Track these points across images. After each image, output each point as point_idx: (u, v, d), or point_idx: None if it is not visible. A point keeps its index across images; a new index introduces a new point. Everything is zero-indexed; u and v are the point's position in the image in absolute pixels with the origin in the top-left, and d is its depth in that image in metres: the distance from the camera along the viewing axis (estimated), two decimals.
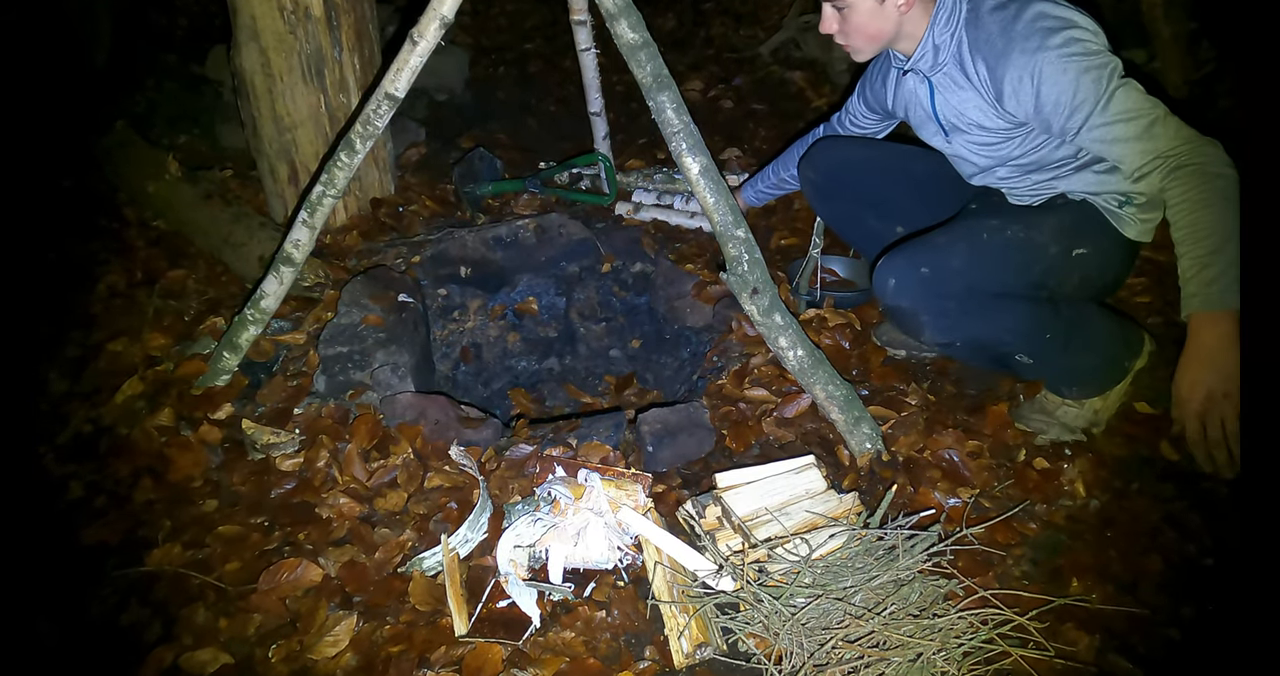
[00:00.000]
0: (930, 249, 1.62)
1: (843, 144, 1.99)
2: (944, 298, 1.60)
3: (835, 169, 1.94)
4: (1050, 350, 1.66)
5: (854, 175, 1.93)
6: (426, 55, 1.52)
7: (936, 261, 1.59)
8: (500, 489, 1.62)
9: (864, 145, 1.98)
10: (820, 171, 1.96)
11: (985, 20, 1.52)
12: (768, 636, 1.31)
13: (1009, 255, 1.60)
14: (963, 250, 1.60)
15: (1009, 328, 1.63)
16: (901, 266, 1.61)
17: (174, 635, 1.39)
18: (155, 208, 2.43)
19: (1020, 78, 1.47)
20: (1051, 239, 1.60)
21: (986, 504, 1.60)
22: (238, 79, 2.21)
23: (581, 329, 2.44)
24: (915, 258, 1.61)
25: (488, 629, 1.37)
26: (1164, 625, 1.41)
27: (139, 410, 1.80)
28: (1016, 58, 1.47)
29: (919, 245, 1.63)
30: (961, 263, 1.59)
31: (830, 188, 1.96)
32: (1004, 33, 1.48)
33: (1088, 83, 1.42)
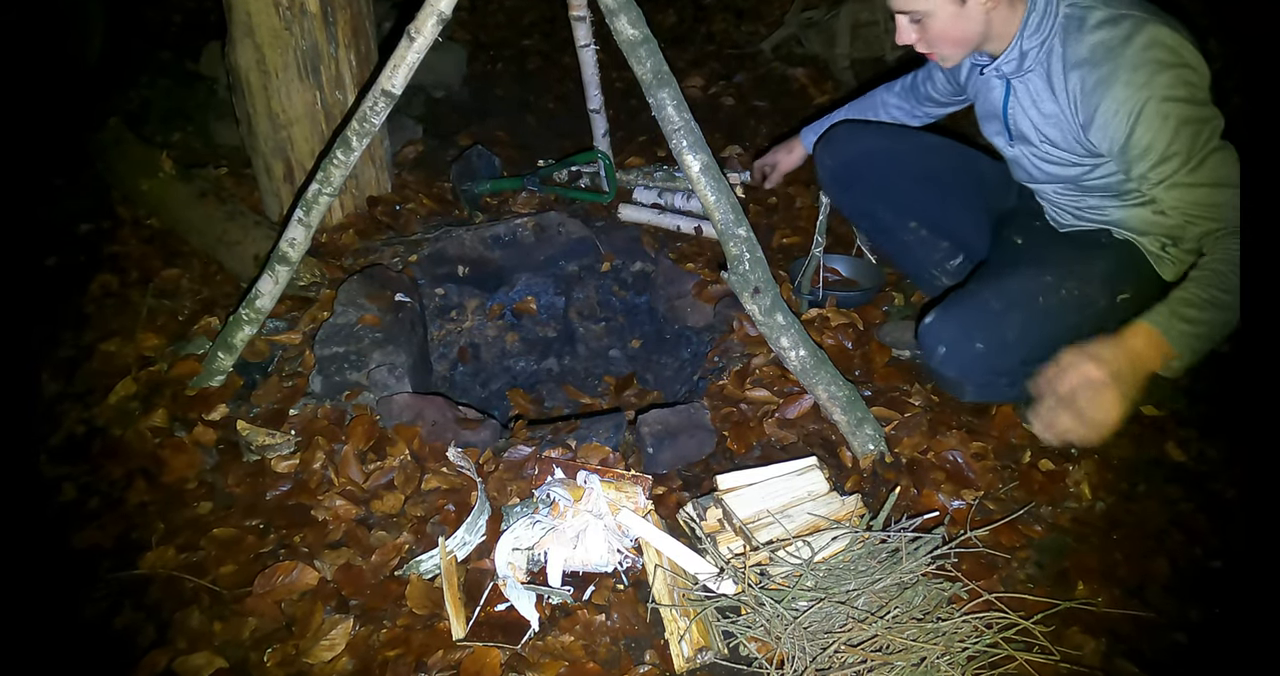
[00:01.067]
0: (986, 318, 1.57)
1: (864, 131, 1.93)
2: (996, 374, 1.61)
3: (853, 158, 1.89)
4: None
5: (871, 167, 1.88)
6: (424, 51, 1.52)
7: (992, 335, 1.56)
8: (498, 491, 1.62)
9: (886, 134, 1.92)
10: (838, 159, 1.91)
11: (1089, 35, 1.41)
12: (769, 640, 1.32)
13: (1065, 319, 1.56)
14: (1019, 321, 1.56)
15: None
16: (955, 336, 1.59)
17: (168, 639, 1.39)
18: (149, 206, 2.43)
19: (1117, 111, 1.39)
20: (1101, 290, 1.58)
21: (991, 506, 1.60)
22: (232, 75, 2.20)
23: (581, 329, 2.44)
24: (970, 328, 1.57)
25: (486, 632, 1.37)
26: (1171, 629, 1.41)
27: (132, 411, 1.80)
28: (1119, 90, 1.37)
29: (973, 309, 1.57)
30: (1017, 335, 1.56)
31: (846, 176, 1.92)
32: (1111, 56, 1.38)
33: (1186, 136, 1.34)
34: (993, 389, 1.68)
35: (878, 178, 1.88)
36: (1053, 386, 1.34)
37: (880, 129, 1.94)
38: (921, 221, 1.90)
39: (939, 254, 1.98)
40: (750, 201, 2.57)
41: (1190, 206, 1.40)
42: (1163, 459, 1.72)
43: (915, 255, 2.01)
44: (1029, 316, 1.57)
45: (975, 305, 1.59)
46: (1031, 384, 1.37)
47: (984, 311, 1.59)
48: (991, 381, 1.65)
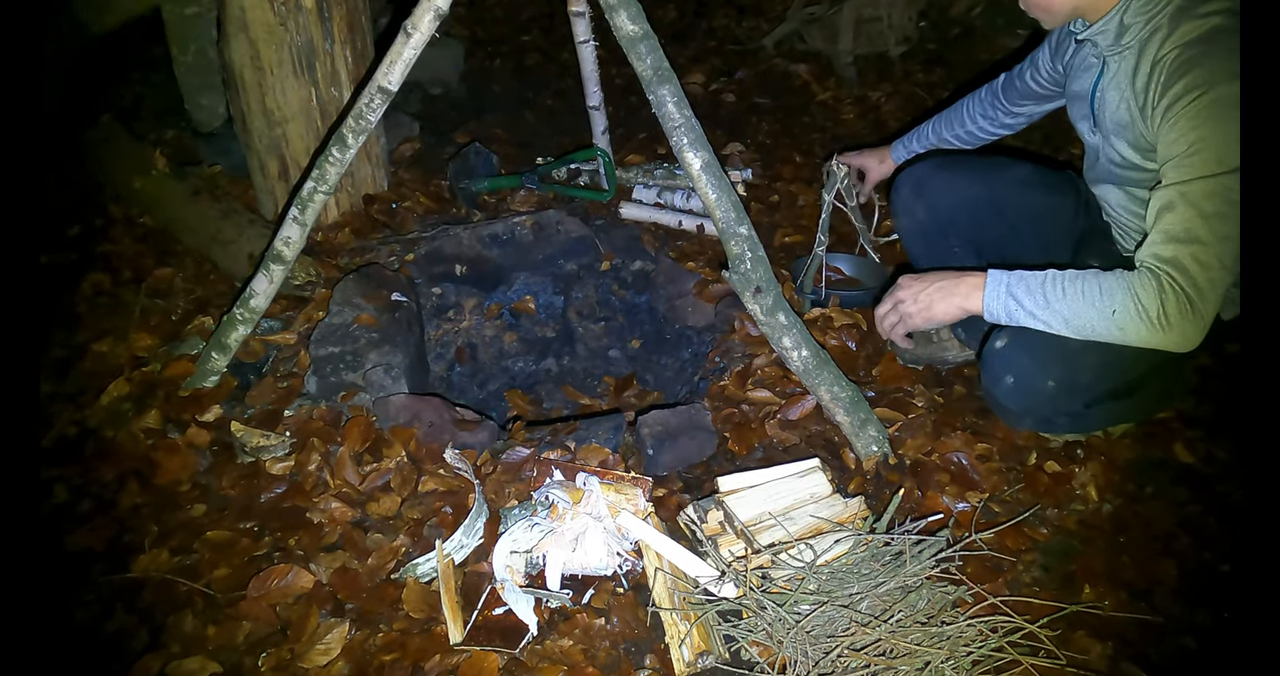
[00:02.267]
0: (1063, 354, 1.51)
1: (960, 175, 1.84)
2: (1061, 413, 1.61)
3: (951, 211, 1.82)
4: (1116, 422, 1.73)
5: (966, 216, 1.81)
6: (421, 47, 1.52)
7: (1066, 374, 1.52)
8: (496, 493, 1.62)
9: (979, 174, 1.84)
10: (933, 212, 1.84)
11: (1210, 19, 1.33)
12: (771, 644, 1.32)
13: (1136, 365, 1.52)
14: (1095, 363, 1.51)
15: (1098, 425, 1.70)
16: (1026, 368, 1.55)
17: (161, 643, 1.39)
18: (141, 204, 2.43)
19: (1191, 89, 1.32)
20: None
21: (996, 508, 1.60)
22: (227, 72, 2.21)
23: (580, 328, 2.44)
24: (1045, 363, 1.53)
25: (484, 637, 1.37)
26: (1179, 633, 1.41)
27: (125, 412, 1.80)
28: (1208, 66, 1.31)
29: (1051, 342, 1.49)
30: (1091, 379, 1.53)
31: (936, 232, 1.85)
32: (1221, 37, 1.31)
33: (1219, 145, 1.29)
34: (1051, 426, 1.67)
35: (970, 227, 1.82)
36: (896, 302, 1.59)
37: (969, 167, 1.86)
38: (999, 265, 1.86)
39: (957, 238, 1.92)
40: (751, 199, 2.57)
41: (1170, 220, 1.35)
42: (1170, 460, 1.73)
43: None
44: (1105, 359, 1.50)
45: (1053, 338, 1.48)
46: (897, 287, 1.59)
47: (1062, 346, 1.49)
48: (1053, 421, 1.64)
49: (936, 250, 1.89)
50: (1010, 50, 3.48)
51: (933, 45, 3.58)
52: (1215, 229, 1.31)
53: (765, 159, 2.82)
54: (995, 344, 1.60)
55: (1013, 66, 1.89)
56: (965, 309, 1.53)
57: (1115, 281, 1.39)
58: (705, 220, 2.41)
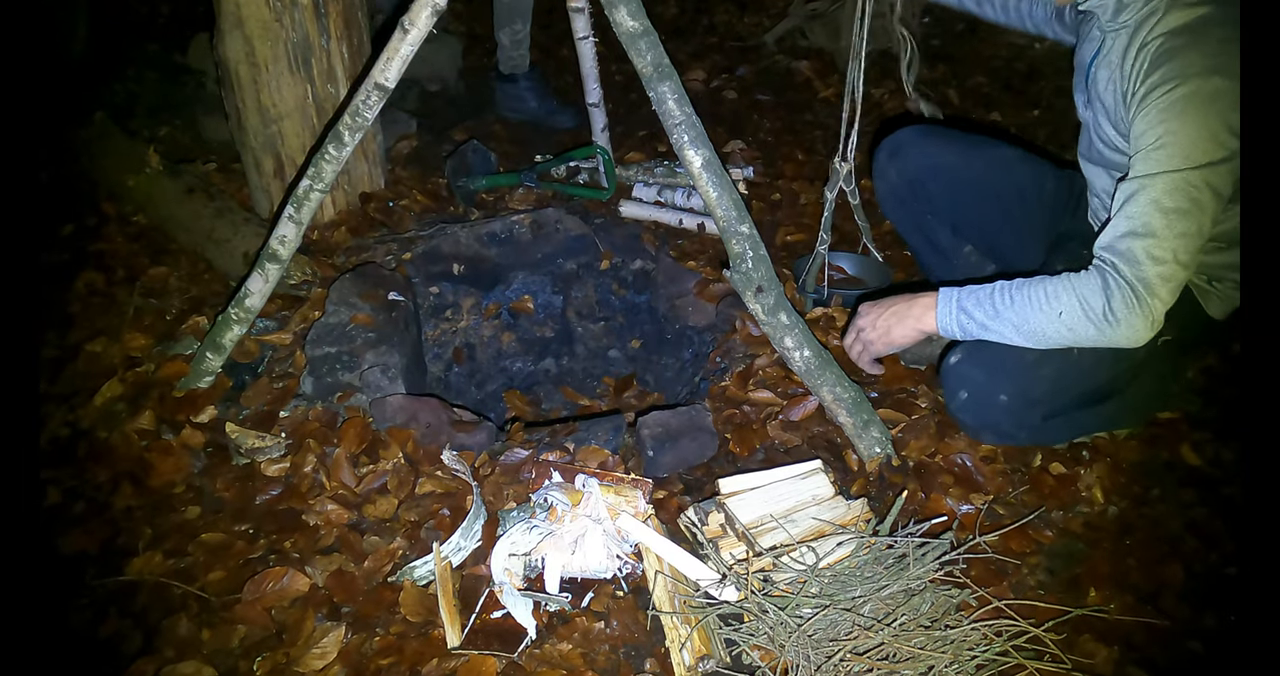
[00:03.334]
0: (1017, 368, 1.53)
1: (937, 143, 1.85)
2: (1020, 427, 1.61)
3: (921, 173, 1.83)
4: (1099, 430, 1.72)
5: (939, 184, 1.82)
6: (418, 43, 1.52)
7: (1019, 388, 1.53)
8: (495, 495, 1.62)
9: (957, 146, 1.84)
10: (904, 174, 1.85)
11: (1201, 8, 1.32)
12: (773, 648, 1.32)
13: (1098, 372, 1.53)
14: (1050, 375, 1.52)
15: (1071, 434, 1.69)
16: (980, 383, 1.56)
17: (155, 647, 1.39)
18: (135, 202, 2.43)
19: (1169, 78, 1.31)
20: None
21: (1000, 511, 1.60)
22: (221, 69, 2.21)
23: (579, 328, 2.44)
24: (997, 377, 1.54)
25: (482, 640, 1.37)
26: (1185, 637, 1.41)
27: (118, 413, 1.80)
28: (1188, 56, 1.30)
29: (1005, 356, 1.52)
30: (1046, 390, 1.54)
31: (908, 193, 1.86)
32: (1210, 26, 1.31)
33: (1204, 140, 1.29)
34: (1012, 439, 1.68)
35: (941, 198, 1.83)
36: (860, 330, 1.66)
37: (948, 139, 1.86)
38: (976, 247, 1.86)
39: (981, 278, 1.94)
40: (753, 198, 2.57)
41: (1130, 202, 1.34)
42: (1177, 462, 1.72)
43: (958, 278, 1.92)
44: (1062, 371, 1.51)
45: (1008, 351, 1.51)
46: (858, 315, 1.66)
47: (1016, 360, 1.52)
48: (1012, 433, 1.66)
49: (911, 215, 1.91)
50: (1014, 47, 3.49)
51: (936, 41, 3.59)
52: (1173, 224, 1.32)
53: (767, 156, 2.82)
54: (950, 360, 1.62)
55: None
56: (921, 330, 1.58)
57: (1060, 283, 1.41)
58: (706, 218, 2.41)
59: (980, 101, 3.26)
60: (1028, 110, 3.17)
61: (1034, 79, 3.30)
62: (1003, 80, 3.30)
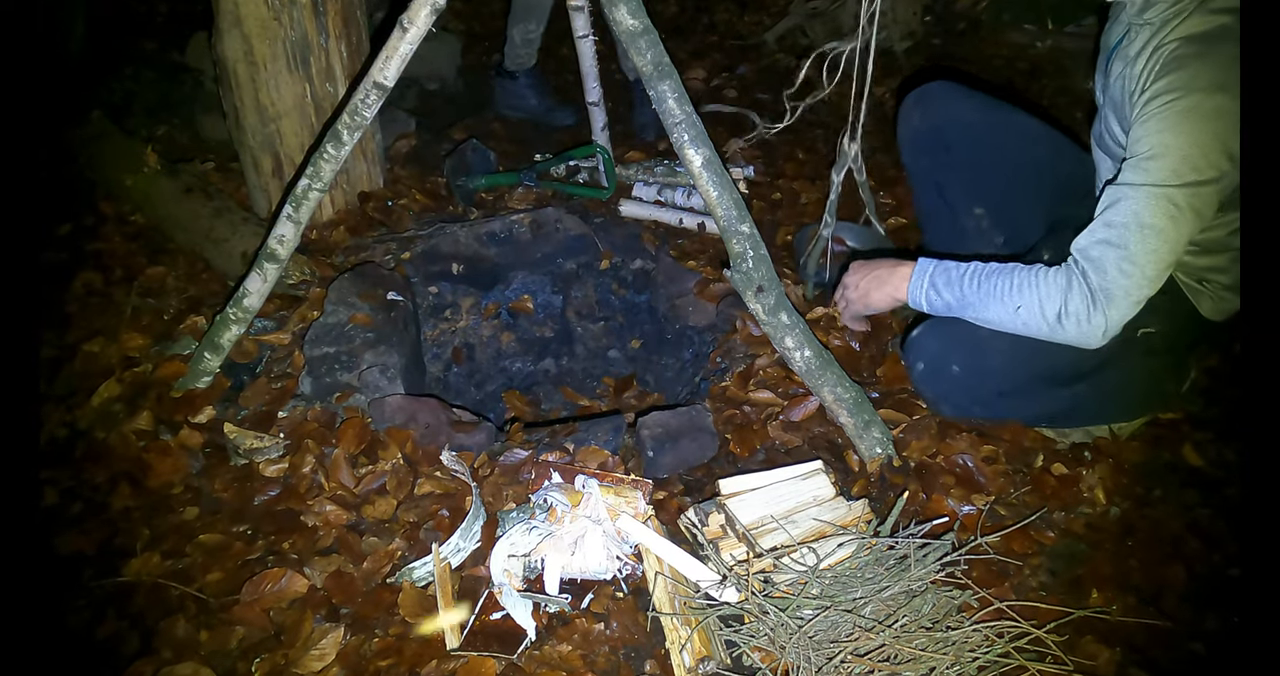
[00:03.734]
0: (968, 341, 1.57)
1: (963, 97, 1.84)
2: (972, 397, 1.64)
3: (943, 124, 1.82)
4: (1087, 418, 1.72)
5: (961, 138, 1.80)
6: (417, 42, 1.52)
7: (973, 361, 1.57)
8: (494, 496, 1.62)
9: (985, 106, 1.83)
10: (927, 121, 1.84)
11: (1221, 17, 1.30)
12: (773, 650, 1.32)
13: (1055, 352, 1.52)
14: (1004, 349, 1.55)
15: (1043, 415, 1.70)
16: (935, 354, 1.61)
17: (153, 648, 1.39)
18: (133, 202, 2.43)
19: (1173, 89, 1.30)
20: None
21: (1002, 511, 1.60)
22: (219, 67, 2.20)
23: (579, 328, 2.44)
24: (951, 348, 1.59)
25: (481, 642, 1.37)
26: (1188, 638, 1.41)
27: (116, 413, 1.80)
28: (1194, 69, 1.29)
29: (960, 329, 1.56)
30: (1000, 363, 1.56)
31: (930, 142, 1.85)
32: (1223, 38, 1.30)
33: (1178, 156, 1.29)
34: (968, 413, 1.71)
35: (962, 152, 1.82)
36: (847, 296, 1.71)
37: (978, 98, 1.85)
38: (987, 210, 1.85)
39: (989, 249, 1.93)
40: (753, 197, 2.57)
41: (1108, 218, 1.35)
42: (1179, 463, 1.72)
43: (966, 243, 1.93)
44: (1014, 345, 1.54)
45: (964, 325, 1.57)
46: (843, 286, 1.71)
47: (970, 332, 1.57)
48: (965, 407, 1.68)
49: (928, 164, 1.90)
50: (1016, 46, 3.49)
51: (937, 40, 3.59)
52: (1147, 240, 1.33)
53: (767, 156, 2.82)
54: (913, 333, 1.66)
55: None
56: (895, 298, 1.63)
57: (1026, 278, 1.45)
58: (706, 218, 2.41)
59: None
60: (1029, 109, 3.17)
61: (1036, 77, 3.29)
62: (1004, 79, 3.30)
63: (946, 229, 1.99)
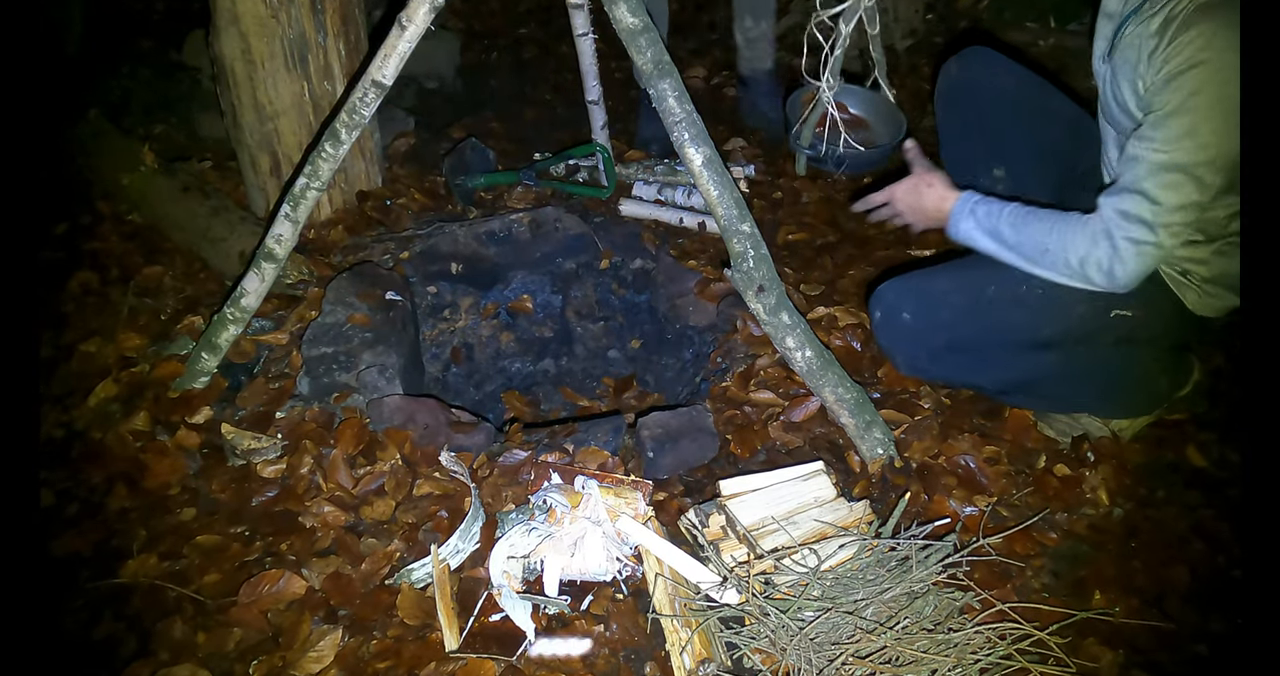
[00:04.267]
0: (925, 291, 1.65)
1: (1001, 65, 1.87)
2: (920, 346, 1.67)
3: (980, 82, 1.86)
4: (1058, 399, 1.74)
5: (995, 100, 1.84)
6: (415, 40, 1.52)
7: (923, 309, 1.63)
8: (493, 497, 1.62)
9: (1020, 78, 1.86)
10: (964, 75, 1.88)
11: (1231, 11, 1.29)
12: (774, 652, 1.32)
13: (1016, 313, 1.59)
14: (955, 303, 1.61)
15: (1000, 380, 1.72)
16: (889, 302, 1.65)
17: (150, 650, 1.39)
18: (130, 201, 2.43)
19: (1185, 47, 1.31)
20: (1085, 298, 1.55)
21: (1004, 512, 1.60)
22: (217, 65, 2.20)
23: (579, 328, 2.44)
24: (904, 297, 1.64)
25: (480, 644, 1.37)
26: (1191, 640, 1.41)
27: (113, 414, 1.80)
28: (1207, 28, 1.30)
29: (919, 281, 1.66)
30: (949, 316, 1.61)
31: (963, 96, 1.88)
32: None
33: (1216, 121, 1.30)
34: (917, 363, 1.73)
35: (991, 112, 1.85)
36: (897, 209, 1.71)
37: (1017, 69, 1.89)
38: (1008, 172, 1.87)
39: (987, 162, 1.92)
40: (754, 196, 2.57)
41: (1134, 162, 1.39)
42: (1182, 463, 1.73)
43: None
44: (970, 301, 1.60)
45: (923, 278, 1.66)
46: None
47: (926, 285, 1.65)
48: (914, 354, 1.70)
49: (960, 117, 1.91)
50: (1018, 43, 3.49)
51: (939, 39, 3.58)
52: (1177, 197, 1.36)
53: (768, 155, 2.82)
54: (879, 287, 1.69)
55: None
56: (940, 210, 1.65)
57: (1060, 223, 1.48)
58: (707, 217, 2.41)
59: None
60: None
61: None
62: None
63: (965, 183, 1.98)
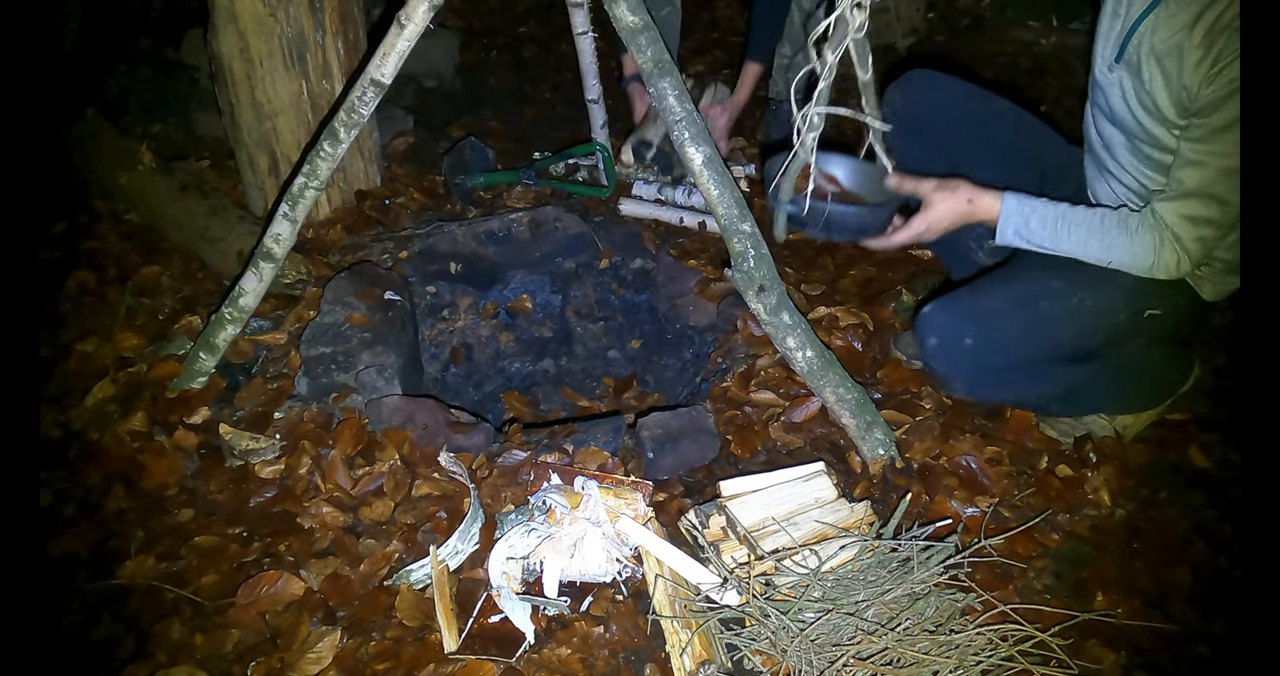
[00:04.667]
0: (983, 314, 1.59)
1: (944, 82, 1.89)
2: (983, 371, 1.62)
3: (925, 104, 1.86)
4: (1087, 404, 1.73)
5: (943, 118, 1.85)
6: (415, 39, 1.52)
7: (985, 332, 1.57)
8: (492, 497, 1.62)
9: (962, 90, 1.88)
10: (909, 102, 1.87)
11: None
12: (775, 653, 1.32)
13: (1068, 327, 1.57)
14: (1016, 321, 1.57)
15: (1046, 395, 1.70)
16: (946, 328, 1.60)
17: (148, 652, 1.39)
18: (128, 200, 2.43)
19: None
20: (1124, 302, 1.57)
21: (1006, 513, 1.60)
22: (215, 64, 2.20)
23: (578, 328, 2.44)
24: (963, 322, 1.59)
25: (479, 645, 1.37)
26: (1193, 642, 1.41)
27: (110, 414, 1.80)
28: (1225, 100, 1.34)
29: (971, 303, 1.61)
30: (1012, 335, 1.57)
31: (911, 122, 1.85)
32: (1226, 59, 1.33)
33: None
34: (981, 387, 1.70)
35: (944, 132, 1.85)
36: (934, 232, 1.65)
37: (957, 83, 1.90)
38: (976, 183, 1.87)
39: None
40: (754, 196, 2.57)
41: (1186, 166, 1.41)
42: (1185, 464, 1.73)
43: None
44: (1027, 319, 1.57)
45: (974, 299, 1.62)
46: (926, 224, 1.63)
47: (982, 307, 1.60)
48: (978, 379, 1.67)
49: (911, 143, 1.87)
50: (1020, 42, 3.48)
51: (941, 37, 3.58)
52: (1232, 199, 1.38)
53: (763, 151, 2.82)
54: (925, 310, 1.65)
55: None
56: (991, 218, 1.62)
57: (1116, 236, 1.49)
58: (707, 217, 2.41)
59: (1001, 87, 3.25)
60: (1034, 107, 3.17)
61: (1039, 75, 3.29)
62: (1008, 76, 3.30)
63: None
